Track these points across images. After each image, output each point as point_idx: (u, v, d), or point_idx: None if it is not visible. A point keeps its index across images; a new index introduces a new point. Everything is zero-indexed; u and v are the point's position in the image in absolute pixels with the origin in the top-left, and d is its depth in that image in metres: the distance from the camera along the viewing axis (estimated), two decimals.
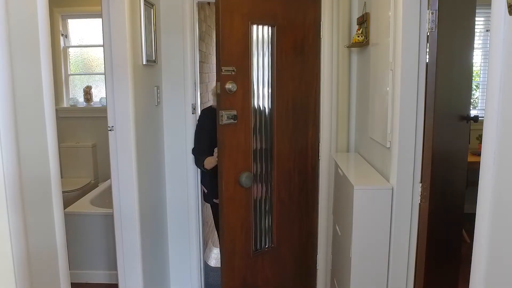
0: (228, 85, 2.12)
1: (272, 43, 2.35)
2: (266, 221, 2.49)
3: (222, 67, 2.10)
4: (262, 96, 2.37)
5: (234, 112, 2.16)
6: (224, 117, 2.12)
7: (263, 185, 2.44)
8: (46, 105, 1.34)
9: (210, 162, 2.59)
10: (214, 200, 2.74)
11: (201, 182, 2.88)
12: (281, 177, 2.50)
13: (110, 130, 2.19)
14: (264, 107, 2.39)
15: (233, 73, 2.14)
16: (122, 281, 2.31)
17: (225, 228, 2.24)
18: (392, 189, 1.92)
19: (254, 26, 2.26)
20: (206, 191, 2.86)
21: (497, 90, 0.96)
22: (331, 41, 2.61)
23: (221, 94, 2.10)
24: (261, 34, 2.32)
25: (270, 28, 2.34)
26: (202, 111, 2.77)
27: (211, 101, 3.87)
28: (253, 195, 2.38)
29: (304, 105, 2.61)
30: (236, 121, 2.16)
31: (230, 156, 2.20)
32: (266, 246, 2.49)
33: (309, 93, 2.63)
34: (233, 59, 2.15)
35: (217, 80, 2.11)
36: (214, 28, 4.37)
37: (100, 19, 2.12)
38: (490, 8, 0.99)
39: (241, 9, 2.16)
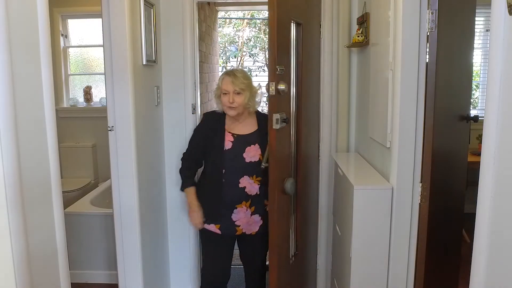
0: (281, 86, 1.94)
1: (298, 41, 2.26)
2: (293, 228, 2.37)
3: (277, 66, 1.93)
4: (292, 96, 2.26)
5: (284, 115, 1.97)
6: (279, 120, 1.94)
7: None
8: (46, 105, 1.34)
9: (189, 196, 2.24)
10: (205, 226, 2.26)
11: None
12: (302, 182, 2.41)
13: (110, 130, 2.19)
14: (293, 108, 2.28)
15: (282, 72, 1.98)
16: (122, 281, 2.31)
17: (275, 240, 2.05)
18: (392, 189, 1.92)
19: (291, 23, 2.15)
20: None
21: (497, 90, 0.96)
22: (331, 41, 2.61)
23: (275, 96, 1.93)
24: (293, 32, 2.21)
25: (296, 25, 2.24)
26: (204, 115, 2.38)
27: (211, 102, 3.79)
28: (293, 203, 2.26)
29: (314, 106, 2.61)
30: (287, 124, 2.00)
31: (279, 163, 2.04)
32: (293, 253, 2.38)
33: (316, 94, 2.63)
34: (283, 57, 2.02)
35: (270, 80, 1.93)
36: (214, 28, 4.38)
37: (100, 19, 2.12)
38: (490, 8, 0.99)
39: (286, 3, 2.05)
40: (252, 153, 2.19)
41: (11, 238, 1.13)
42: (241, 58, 6.01)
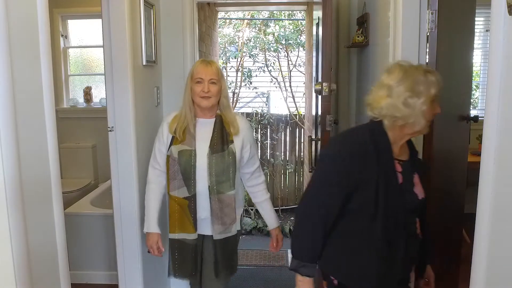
0: (333, 85, 1.88)
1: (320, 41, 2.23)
2: None
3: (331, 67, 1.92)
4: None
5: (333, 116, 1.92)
6: (332, 121, 1.90)
7: None
8: (46, 106, 1.34)
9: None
10: None
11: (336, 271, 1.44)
12: None
13: (110, 130, 2.19)
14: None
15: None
16: (122, 281, 2.31)
17: None
18: None
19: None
20: None
21: (497, 90, 0.96)
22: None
23: (328, 96, 1.89)
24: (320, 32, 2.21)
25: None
26: (344, 147, 1.40)
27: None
28: None
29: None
30: (337, 125, 1.97)
31: None
32: None
33: None
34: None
35: (323, 81, 1.87)
36: (214, 28, 4.38)
37: (100, 20, 2.12)
38: (490, 8, 0.99)
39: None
40: (419, 187, 1.45)
41: (11, 239, 1.13)
42: (241, 58, 6.00)
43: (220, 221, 1.89)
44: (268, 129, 5.45)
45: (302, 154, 5.27)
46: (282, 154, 5.44)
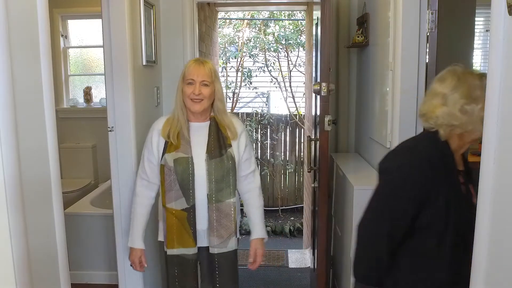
0: (332, 86, 1.89)
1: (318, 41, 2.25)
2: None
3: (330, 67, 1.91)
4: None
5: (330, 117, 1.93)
6: (331, 122, 1.90)
7: None
8: (46, 106, 1.34)
9: None
10: None
11: None
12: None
13: (110, 130, 2.19)
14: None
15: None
16: (122, 281, 2.31)
17: (325, 244, 2.20)
18: None
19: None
20: None
21: (497, 90, 0.96)
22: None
23: (327, 96, 1.90)
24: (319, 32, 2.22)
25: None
26: (419, 158, 1.28)
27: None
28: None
29: None
30: (335, 125, 1.99)
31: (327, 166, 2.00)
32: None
33: None
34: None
35: (322, 81, 1.87)
36: (214, 28, 4.38)
37: (100, 20, 2.12)
38: (490, 8, 0.99)
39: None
40: (475, 197, 1.34)
41: (11, 239, 1.13)
42: (241, 58, 6.00)
43: (216, 233, 1.75)
44: (268, 129, 5.46)
45: (302, 154, 5.27)
46: (282, 154, 5.45)
